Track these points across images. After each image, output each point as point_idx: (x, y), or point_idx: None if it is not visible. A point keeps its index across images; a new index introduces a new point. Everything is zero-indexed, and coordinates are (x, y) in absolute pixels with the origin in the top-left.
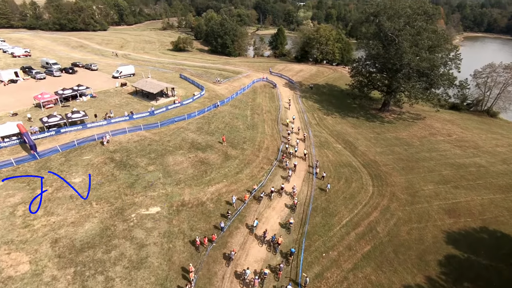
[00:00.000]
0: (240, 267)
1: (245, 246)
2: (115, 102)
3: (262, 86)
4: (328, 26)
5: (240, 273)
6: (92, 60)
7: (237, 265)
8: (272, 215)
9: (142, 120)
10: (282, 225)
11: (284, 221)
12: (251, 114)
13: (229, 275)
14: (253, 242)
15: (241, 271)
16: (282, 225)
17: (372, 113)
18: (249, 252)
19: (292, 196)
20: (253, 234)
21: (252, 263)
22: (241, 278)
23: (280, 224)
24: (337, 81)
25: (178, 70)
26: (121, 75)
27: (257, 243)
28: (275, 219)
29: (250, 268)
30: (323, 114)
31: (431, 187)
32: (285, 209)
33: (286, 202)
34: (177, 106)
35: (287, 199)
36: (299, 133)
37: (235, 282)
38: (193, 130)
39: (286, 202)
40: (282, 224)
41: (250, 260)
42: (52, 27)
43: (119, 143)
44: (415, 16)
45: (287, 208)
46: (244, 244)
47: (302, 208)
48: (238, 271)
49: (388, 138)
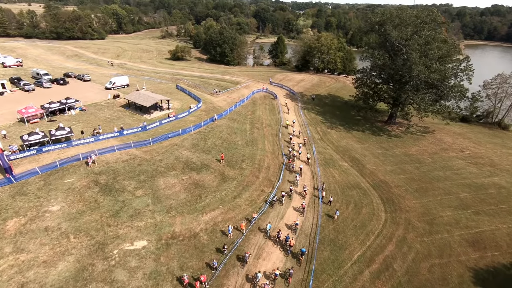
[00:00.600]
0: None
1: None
2: (105, 116)
3: (262, 97)
4: (329, 35)
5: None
6: (87, 70)
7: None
8: (274, 250)
9: (133, 137)
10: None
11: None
12: (251, 128)
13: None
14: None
15: (252, 275)
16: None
17: (378, 126)
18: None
19: (302, 209)
20: (267, 237)
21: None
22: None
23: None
24: (340, 92)
25: (174, 81)
26: (114, 86)
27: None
28: (278, 253)
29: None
30: (326, 128)
31: (449, 213)
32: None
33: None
34: (172, 120)
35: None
36: (299, 136)
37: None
38: (188, 147)
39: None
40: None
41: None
42: (49, 35)
43: (106, 163)
44: (423, 25)
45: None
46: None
47: (308, 239)
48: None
49: (397, 155)
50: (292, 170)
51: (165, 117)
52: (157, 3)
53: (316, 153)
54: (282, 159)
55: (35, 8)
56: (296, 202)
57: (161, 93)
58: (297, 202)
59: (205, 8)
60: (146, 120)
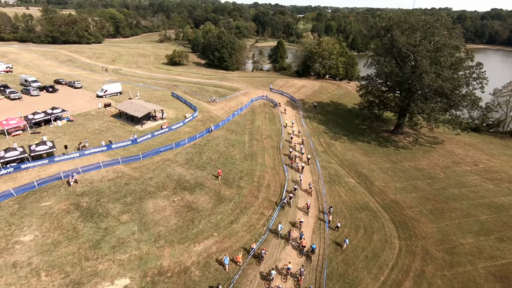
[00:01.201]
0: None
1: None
2: (94, 127)
3: (262, 105)
4: (331, 39)
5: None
6: (79, 76)
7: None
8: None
9: (122, 151)
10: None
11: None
12: (250, 140)
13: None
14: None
15: (267, 272)
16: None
17: (384, 136)
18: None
19: (307, 208)
20: (279, 238)
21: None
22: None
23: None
24: (343, 99)
25: (170, 87)
26: (106, 94)
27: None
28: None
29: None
30: (330, 139)
31: (470, 240)
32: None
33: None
34: (165, 131)
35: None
36: (299, 135)
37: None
38: (181, 162)
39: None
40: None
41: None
42: (44, 39)
43: (89, 183)
44: (433, 30)
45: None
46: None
47: (315, 273)
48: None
49: (406, 169)
50: (297, 170)
51: (158, 128)
52: (156, 7)
53: (320, 169)
54: (284, 175)
55: (33, 12)
56: (301, 201)
57: (156, 101)
58: (302, 200)
59: (204, 12)
60: (138, 132)
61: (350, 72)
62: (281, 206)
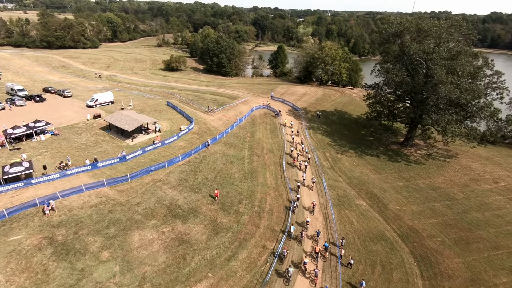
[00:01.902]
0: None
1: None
2: (80, 142)
3: (262, 115)
4: (333, 44)
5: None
6: (71, 83)
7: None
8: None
9: (108, 170)
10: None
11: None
12: (249, 155)
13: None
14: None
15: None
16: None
17: (393, 149)
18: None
19: (312, 207)
20: (290, 238)
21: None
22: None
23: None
24: (347, 107)
25: (166, 96)
26: (96, 104)
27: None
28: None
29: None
30: (336, 152)
31: (505, 279)
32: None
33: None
34: (158, 146)
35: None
36: (298, 134)
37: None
38: (174, 184)
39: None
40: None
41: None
42: (39, 44)
43: (68, 210)
44: (447, 36)
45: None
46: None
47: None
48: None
49: (421, 188)
50: (300, 168)
51: (150, 142)
52: (155, 11)
53: (327, 189)
54: (288, 196)
55: (30, 16)
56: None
57: (150, 111)
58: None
59: (203, 16)
60: (127, 147)
61: (353, 78)
62: (287, 235)
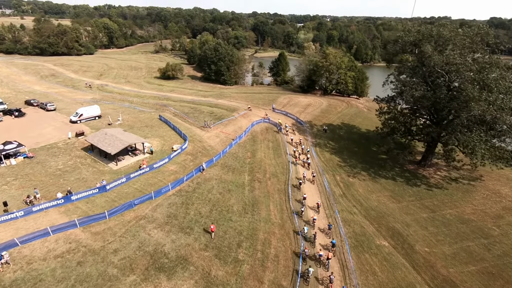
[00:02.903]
0: None
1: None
2: (57, 166)
3: (264, 131)
4: (338, 52)
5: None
6: (58, 94)
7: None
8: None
9: (84, 204)
10: None
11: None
12: (250, 181)
13: None
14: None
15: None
16: None
17: (410, 170)
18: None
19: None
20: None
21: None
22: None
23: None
24: (355, 119)
25: (159, 108)
26: (81, 119)
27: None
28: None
29: None
30: (347, 175)
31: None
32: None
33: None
34: (145, 171)
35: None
36: (295, 133)
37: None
38: (161, 221)
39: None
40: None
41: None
42: (31, 51)
43: (27, 263)
44: (472, 45)
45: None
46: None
47: None
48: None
49: (449, 221)
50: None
51: (137, 166)
52: (154, 16)
53: (342, 225)
54: (298, 243)
55: (27, 22)
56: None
57: (140, 127)
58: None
59: (202, 21)
60: (111, 172)
61: (359, 87)
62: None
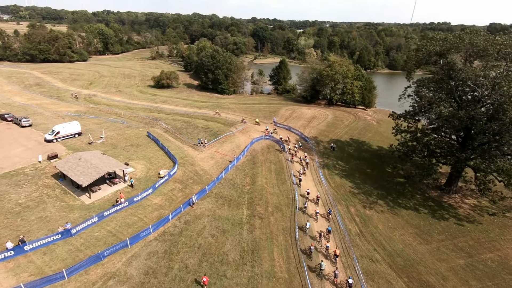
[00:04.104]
0: None
1: None
2: (17, 200)
3: (265, 150)
4: (344, 60)
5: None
6: (39, 106)
7: None
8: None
9: (41, 256)
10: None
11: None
12: (249, 217)
13: None
14: None
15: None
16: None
17: (433, 197)
18: None
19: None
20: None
21: None
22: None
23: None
24: (364, 134)
25: (149, 123)
26: (57, 137)
27: None
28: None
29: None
30: (362, 206)
31: None
32: None
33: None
34: (124, 207)
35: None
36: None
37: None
38: (135, 282)
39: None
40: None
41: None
42: (21, 58)
43: None
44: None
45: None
46: None
47: None
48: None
49: (493, 270)
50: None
51: (115, 198)
52: (152, 22)
53: (364, 279)
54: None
55: (23, 28)
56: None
57: (125, 146)
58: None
59: (201, 27)
60: (81, 208)
61: (367, 98)
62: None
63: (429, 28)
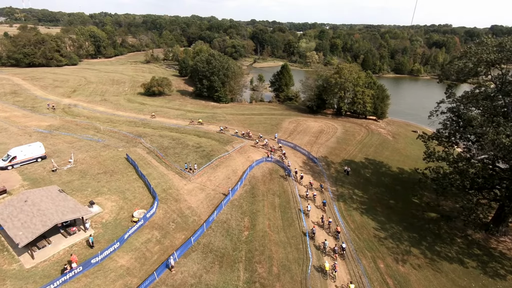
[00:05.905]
0: None
1: None
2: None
3: (267, 176)
4: (353, 66)
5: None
6: (7, 120)
7: None
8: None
9: None
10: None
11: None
12: (248, 283)
13: None
14: None
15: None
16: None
17: (477, 240)
18: None
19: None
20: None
21: None
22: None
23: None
24: (381, 152)
25: (130, 141)
26: (13, 164)
27: None
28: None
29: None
30: (393, 259)
31: None
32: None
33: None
34: (75, 275)
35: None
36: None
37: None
38: None
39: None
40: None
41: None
42: (6, 62)
43: None
44: None
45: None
46: None
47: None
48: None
49: None
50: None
51: (68, 258)
52: (149, 24)
53: None
54: None
55: (14, 30)
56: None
57: (97, 173)
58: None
59: (199, 29)
60: (16, 277)
61: (379, 108)
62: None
63: (432, 30)
